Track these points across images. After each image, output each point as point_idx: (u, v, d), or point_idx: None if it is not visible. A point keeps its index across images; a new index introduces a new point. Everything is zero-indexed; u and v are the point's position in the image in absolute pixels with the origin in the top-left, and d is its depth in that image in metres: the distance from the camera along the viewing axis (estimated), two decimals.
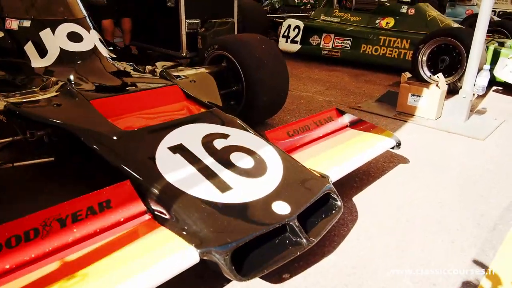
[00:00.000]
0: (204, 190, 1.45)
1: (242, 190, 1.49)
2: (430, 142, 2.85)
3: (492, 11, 10.75)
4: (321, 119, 2.26)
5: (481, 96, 3.98)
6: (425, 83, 3.35)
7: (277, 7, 6.76)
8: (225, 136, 1.80)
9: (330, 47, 5.55)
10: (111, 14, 4.95)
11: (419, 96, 3.30)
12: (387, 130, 2.29)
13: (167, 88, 2.19)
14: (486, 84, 3.17)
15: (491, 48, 4.38)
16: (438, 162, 2.50)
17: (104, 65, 2.43)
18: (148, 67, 2.49)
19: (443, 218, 1.88)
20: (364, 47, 5.25)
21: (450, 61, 4.17)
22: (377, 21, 5.40)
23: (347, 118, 2.37)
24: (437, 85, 3.24)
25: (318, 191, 1.59)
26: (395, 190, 2.15)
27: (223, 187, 1.48)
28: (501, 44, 4.67)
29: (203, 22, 4.80)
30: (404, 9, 5.21)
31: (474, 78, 3.12)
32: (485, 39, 4.71)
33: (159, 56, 4.95)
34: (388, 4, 5.33)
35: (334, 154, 2.01)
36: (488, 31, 5.76)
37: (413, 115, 3.35)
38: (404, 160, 2.50)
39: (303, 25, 5.71)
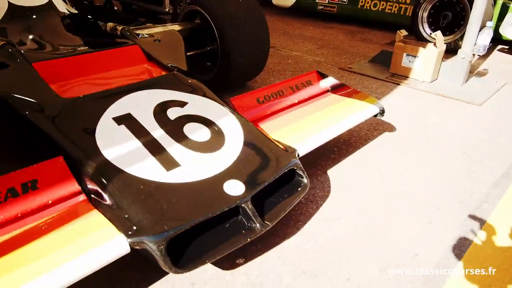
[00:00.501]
0: (146, 168, 1.28)
1: (192, 168, 1.32)
2: (422, 108, 2.64)
3: None
4: (298, 83, 2.04)
5: (484, 56, 3.69)
6: (422, 42, 3.07)
7: None
8: (182, 104, 1.60)
9: (327, 2, 5.15)
10: None
11: (415, 57, 3.04)
12: (371, 96, 2.07)
13: (125, 49, 1.96)
14: (488, 43, 2.89)
15: (500, 2, 4.01)
16: (427, 131, 2.30)
17: (59, 23, 2.18)
18: (110, 25, 2.24)
19: (426, 195, 1.71)
20: (362, 1, 4.86)
21: (453, 17, 3.84)
22: None
23: (328, 82, 2.15)
24: (434, 44, 2.96)
25: (281, 168, 1.42)
26: (377, 162, 1.97)
27: (170, 164, 1.31)
28: None
29: None
30: None
31: (475, 37, 2.84)
32: None
33: (143, 13, 4.63)
34: None
35: (309, 123, 1.81)
36: None
37: (407, 77, 3.11)
38: (391, 128, 2.31)
39: None
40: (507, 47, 4.07)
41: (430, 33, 3.96)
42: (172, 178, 1.27)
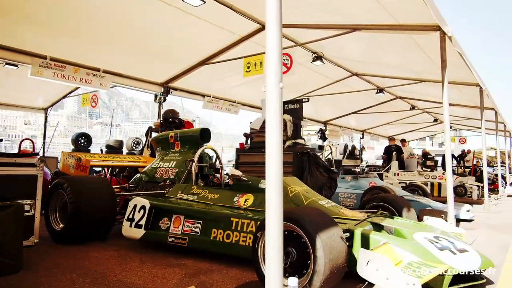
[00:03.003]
0: None
1: None
2: None
3: (403, 182, 10.55)
4: None
5: None
6: None
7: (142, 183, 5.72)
8: None
9: (179, 232, 4.25)
10: None
11: None
12: None
13: None
14: None
15: (357, 232, 3.26)
16: None
17: None
18: None
19: None
20: (214, 232, 3.99)
21: (297, 255, 2.92)
22: (236, 198, 4.35)
23: None
24: None
25: None
26: None
27: None
28: (378, 226, 3.62)
29: None
30: (262, 184, 4.27)
31: None
32: (358, 220, 3.68)
33: None
34: (244, 179, 4.39)
35: None
36: (374, 207, 4.88)
37: None
38: None
39: (149, 205, 4.52)
40: None
41: None
42: None
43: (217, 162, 5.47)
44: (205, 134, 5.36)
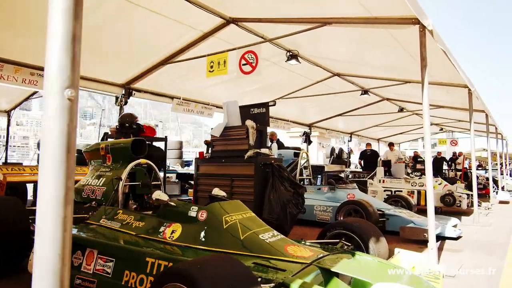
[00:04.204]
0: None
1: None
2: None
3: (388, 190, 9.64)
4: None
5: None
6: None
7: None
8: None
9: (91, 272, 3.40)
10: None
11: None
12: None
13: None
14: None
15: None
16: None
17: None
18: None
19: None
20: (127, 274, 3.14)
21: None
22: (162, 228, 3.50)
23: None
24: None
25: None
26: None
27: None
28: (329, 273, 2.78)
29: None
30: (193, 211, 3.43)
31: None
32: (304, 264, 2.83)
33: None
34: (173, 204, 3.55)
35: None
36: (336, 236, 4.04)
37: None
38: None
39: None
40: None
41: None
42: None
43: (158, 179, 4.61)
44: (138, 146, 4.50)
